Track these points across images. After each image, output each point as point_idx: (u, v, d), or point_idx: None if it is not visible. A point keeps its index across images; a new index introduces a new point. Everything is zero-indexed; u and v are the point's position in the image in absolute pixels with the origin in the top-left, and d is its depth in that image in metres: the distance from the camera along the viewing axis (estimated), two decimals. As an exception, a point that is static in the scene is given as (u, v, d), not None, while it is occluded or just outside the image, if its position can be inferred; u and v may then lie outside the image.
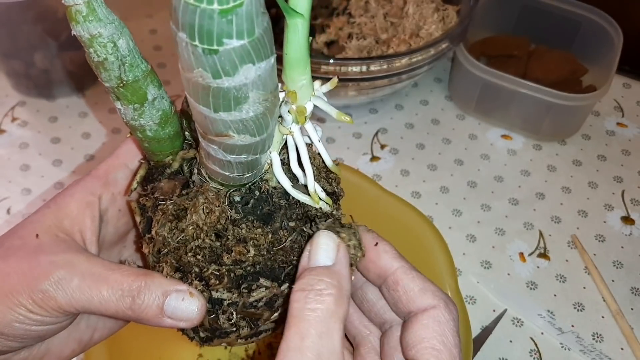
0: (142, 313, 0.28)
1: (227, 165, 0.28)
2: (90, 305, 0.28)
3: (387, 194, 0.50)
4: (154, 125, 0.29)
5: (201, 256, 0.29)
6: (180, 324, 0.29)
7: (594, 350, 0.52)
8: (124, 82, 0.27)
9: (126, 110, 0.29)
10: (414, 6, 0.70)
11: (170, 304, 0.29)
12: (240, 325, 0.31)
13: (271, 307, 0.31)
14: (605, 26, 0.70)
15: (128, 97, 0.28)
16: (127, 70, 0.27)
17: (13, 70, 0.67)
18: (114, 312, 0.28)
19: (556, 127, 0.68)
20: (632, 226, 0.62)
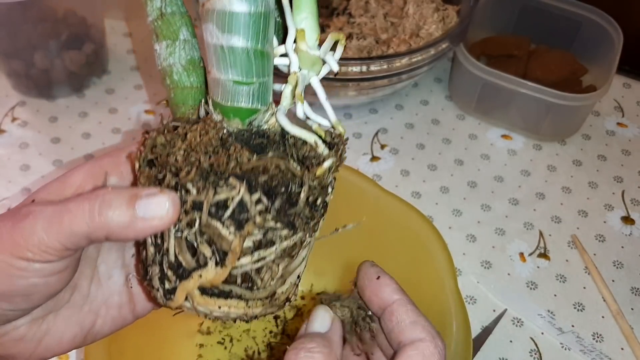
0: (112, 218, 0.27)
1: (222, 59, 0.28)
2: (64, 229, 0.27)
3: (387, 194, 0.50)
4: (181, 67, 0.32)
5: (183, 160, 0.29)
6: (155, 222, 0.28)
7: (594, 350, 0.52)
8: (162, 14, 0.32)
9: (161, 50, 0.32)
10: (414, 6, 0.70)
11: (140, 203, 0.28)
12: (204, 253, 0.29)
13: (239, 226, 0.28)
14: (605, 26, 0.70)
15: (163, 31, 0.32)
16: (167, 4, 0.32)
17: (13, 70, 0.67)
18: (87, 227, 0.27)
19: (556, 127, 0.68)
20: (632, 226, 0.62)
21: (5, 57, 0.67)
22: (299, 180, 0.29)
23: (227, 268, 0.28)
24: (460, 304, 0.44)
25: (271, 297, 0.31)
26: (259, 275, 0.30)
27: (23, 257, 0.27)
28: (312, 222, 0.31)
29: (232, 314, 0.30)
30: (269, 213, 0.29)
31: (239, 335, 0.51)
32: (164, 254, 0.30)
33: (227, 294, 0.29)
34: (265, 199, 0.29)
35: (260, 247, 0.29)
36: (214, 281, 0.29)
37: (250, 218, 0.28)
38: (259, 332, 0.51)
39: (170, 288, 0.30)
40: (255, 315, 0.31)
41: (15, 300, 0.29)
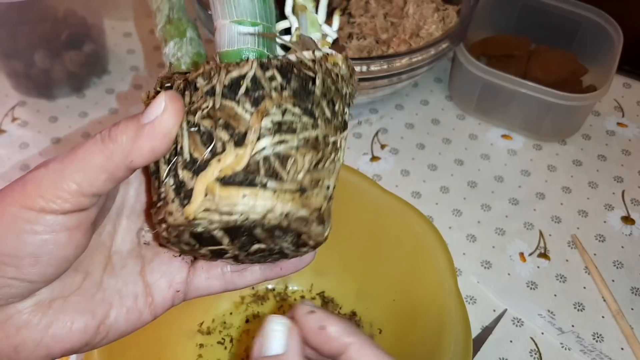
0: (122, 137, 0.26)
1: (226, 3, 0.29)
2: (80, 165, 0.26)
3: (387, 194, 0.50)
4: (189, 59, 0.34)
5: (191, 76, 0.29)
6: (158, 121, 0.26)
7: (594, 350, 0.52)
8: (170, 19, 0.35)
9: (169, 49, 0.34)
10: (414, 6, 0.70)
11: (143, 114, 0.26)
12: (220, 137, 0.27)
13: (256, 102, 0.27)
14: (605, 26, 0.70)
15: (171, 32, 0.35)
16: (175, 12, 0.36)
17: (13, 70, 0.68)
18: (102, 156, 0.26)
19: (556, 127, 0.68)
20: (632, 226, 0.62)
21: (5, 57, 0.67)
22: (311, 69, 0.28)
23: (248, 148, 0.26)
24: (460, 304, 0.44)
25: (301, 192, 0.27)
26: (283, 165, 0.27)
27: (34, 206, 0.25)
28: (334, 122, 0.29)
29: (259, 205, 0.26)
30: (285, 90, 0.27)
31: (239, 335, 0.51)
32: (176, 161, 0.27)
33: (250, 182, 0.26)
34: (280, 76, 0.27)
35: (280, 130, 0.27)
36: (235, 165, 0.26)
37: (266, 95, 0.27)
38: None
39: (188, 189, 0.26)
40: (286, 213, 0.26)
41: (22, 263, 0.26)
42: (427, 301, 0.46)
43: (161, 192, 0.27)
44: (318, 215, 0.28)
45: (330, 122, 0.28)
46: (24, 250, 0.26)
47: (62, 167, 0.25)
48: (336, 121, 0.29)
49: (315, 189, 0.27)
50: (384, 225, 0.50)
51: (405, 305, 0.49)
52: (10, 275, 0.26)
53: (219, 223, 0.26)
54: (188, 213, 0.26)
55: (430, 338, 0.44)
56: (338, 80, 0.29)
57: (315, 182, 0.27)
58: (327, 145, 0.28)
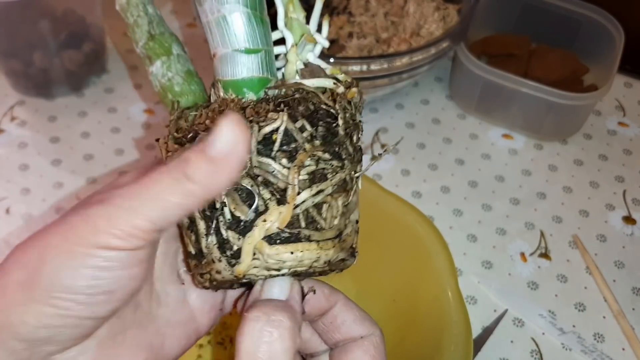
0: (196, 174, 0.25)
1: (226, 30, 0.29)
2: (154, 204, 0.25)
3: (387, 193, 0.50)
4: (180, 79, 0.32)
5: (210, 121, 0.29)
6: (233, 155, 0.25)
7: (595, 350, 0.52)
8: (152, 35, 0.32)
9: (157, 69, 0.32)
10: (414, 5, 0.70)
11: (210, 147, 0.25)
12: (262, 195, 0.27)
13: (291, 157, 0.27)
14: (606, 25, 0.70)
15: (156, 51, 0.32)
16: (155, 27, 0.33)
17: (12, 69, 0.67)
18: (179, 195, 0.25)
19: (557, 127, 0.67)
20: (633, 226, 0.61)
21: (4, 56, 0.66)
22: (332, 110, 0.29)
23: (290, 205, 0.27)
24: (460, 304, 0.44)
25: (339, 237, 0.29)
26: (320, 214, 0.28)
27: (108, 245, 0.24)
28: (356, 157, 0.30)
29: (306, 258, 0.28)
30: (316, 139, 0.28)
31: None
32: (218, 219, 0.28)
33: (295, 237, 0.28)
34: (309, 126, 0.28)
35: (315, 180, 0.28)
36: (280, 223, 0.27)
37: (299, 147, 0.27)
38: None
39: (235, 250, 0.27)
40: (329, 260, 0.29)
41: (96, 300, 0.25)
42: (428, 301, 0.46)
43: (202, 248, 0.28)
44: (352, 252, 0.30)
45: (354, 158, 0.30)
46: (98, 288, 0.25)
47: (136, 205, 0.25)
48: (357, 155, 0.30)
49: (347, 227, 0.30)
50: (384, 225, 0.50)
51: (405, 306, 0.48)
52: (84, 314, 0.25)
53: (268, 276, 0.28)
54: (238, 272, 0.28)
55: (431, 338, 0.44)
56: (354, 111, 0.30)
57: (347, 217, 0.29)
58: (352, 181, 0.30)
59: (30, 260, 0.25)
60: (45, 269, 0.25)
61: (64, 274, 0.25)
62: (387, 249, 0.50)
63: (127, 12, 0.33)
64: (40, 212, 0.59)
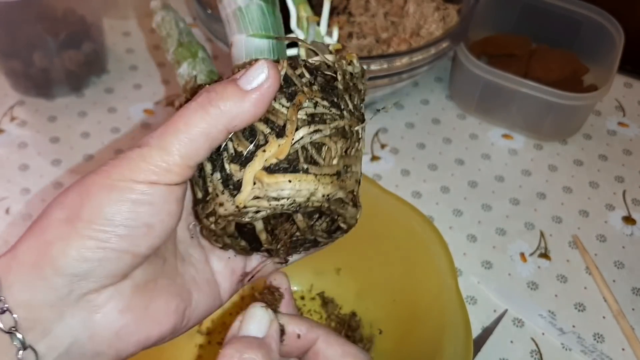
0: (226, 102, 0.27)
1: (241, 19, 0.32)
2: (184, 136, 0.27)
3: (387, 194, 0.50)
4: (204, 76, 0.37)
5: None
6: (264, 87, 0.28)
7: (595, 350, 0.52)
8: (182, 43, 0.39)
9: (184, 70, 0.38)
10: (414, 5, 0.70)
11: (241, 80, 0.28)
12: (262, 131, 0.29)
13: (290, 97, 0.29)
14: (606, 25, 0.70)
15: (184, 54, 0.38)
16: (185, 36, 0.40)
17: (12, 69, 0.67)
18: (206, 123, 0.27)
19: (557, 127, 0.67)
20: (633, 226, 0.61)
21: (4, 56, 0.66)
22: (331, 67, 0.31)
23: (289, 138, 0.29)
24: (460, 304, 0.44)
25: (337, 176, 0.30)
26: (319, 153, 0.29)
27: (146, 179, 0.26)
28: (356, 114, 0.31)
29: (304, 189, 0.28)
30: (314, 85, 0.30)
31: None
32: (222, 157, 0.29)
33: (294, 168, 0.29)
34: (308, 74, 0.30)
35: (313, 120, 0.29)
36: (279, 154, 0.28)
37: (298, 90, 0.30)
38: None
39: (236, 181, 0.29)
40: (328, 195, 0.29)
41: (136, 233, 0.27)
42: (428, 301, 0.46)
43: (208, 187, 0.29)
44: (352, 197, 0.31)
45: (353, 113, 0.31)
46: (138, 220, 0.26)
47: (167, 143, 0.27)
48: (357, 113, 0.32)
49: (348, 173, 0.30)
50: (384, 225, 0.50)
51: (405, 306, 0.48)
52: (123, 247, 0.27)
53: (267, 210, 0.28)
54: (239, 201, 0.28)
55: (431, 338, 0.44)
56: (354, 77, 0.32)
57: (347, 166, 0.30)
58: (352, 134, 0.31)
59: (73, 199, 0.27)
60: (88, 204, 0.26)
61: (106, 207, 0.26)
62: (387, 249, 0.50)
63: (161, 27, 0.40)
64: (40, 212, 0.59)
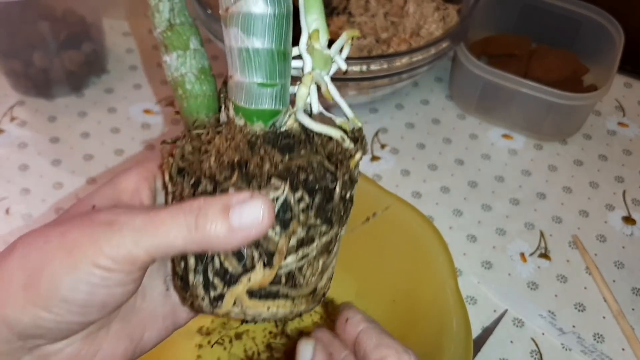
0: (211, 234, 0.27)
1: (247, 62, 0.29)
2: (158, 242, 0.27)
3: (387, 194, 0.50)
4: (193, 77, 0.33)
5: (215, 165, 0.29)
6: (252, 232, 0.27)
7: (595, 350, 0.52)
8: (172, 25, 0.32)
9: (171, 61, 0.32)
10: (414, 5, 0.70)
11: (234, 214, 0.27)
12: (250, 255, 0.29)
13: (285, 225, 0.29)
14: (606, 25, 0.70)
15: (173, 42, 0.32)
16: (176, 15, 0.32)
17: (12, 69, 0.67)
18: (184, 241, 0.27)
19: (557, 127, 0.67)
20: (633, 226, 0.61)
21: (4, 56, 0.66)
22: (333, 176, 0.30)
23: (275, 269, 0.29)
24: (460, 305, 0.44)
25: (313, 293, 0.31)
26: (301, 273, 0.30)
27: (107, 267, 0.27)
28: (345, 215, 0.31)
29: (280, 313, 0.30)
30: (311, 210, 0.29)
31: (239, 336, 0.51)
32: (207, 262, 0.29)
33: (274, 295, 0.30)
34: (307, 196, 0.29)
35: (303, 244, 0.30)
36: (262, 283, 0.29)
37: (294, 217, 0.29)
38: (259, 332, 0.51)
39: (217, 295, 0.30)
40: (300, 313, 0.31)
41: (90, 311, 0.28)
42: (428, 302, 0.46)
43: (189, 281, 0.30)
44: (322, 297, 0.33)
45: (343, 219, 0.31)
46: (93, 301, 0.27)
47: (139, 239, 0.27)
48: (347, 214, 0.31)
49: (323, 280, 0.32)
50: (384, 225, 0.50)
51: (405, 306, 0.48)
52: (76, 320, 0.28)
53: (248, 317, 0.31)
54: (217, 312, 0.30)
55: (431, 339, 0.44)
56: (354, 171, 0.31)
57: (324, 272, 0.32)
58: (337, 240, 0.31)
59: (34, 265, 0.27)
60: (47, 278, 0.27)
61: (64, 287, 0.27)
62: (387, 249, 0.50)
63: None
64: (40, 212, 0.59)
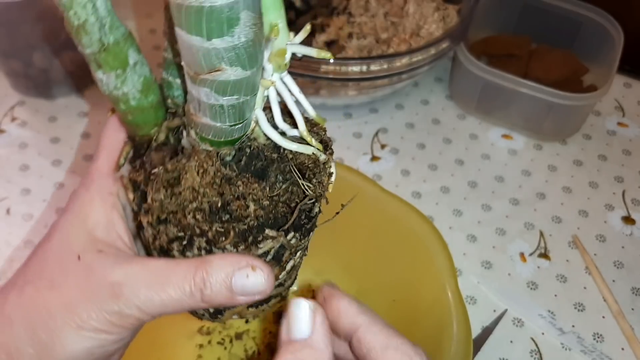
0: (215, 300, 0.29)
1: (219, 113, 0.27)
2: (164, 309, 0.29)
3: (387, 194, 0.50)
4: (137, 92, 0.29)
5: (201, 216, 0.29)
6: (256, 297, 0.29)
7: (595, 350, 0.52)
8: (105, 46, 0.27)
9: (108, 79, 0.29)
10: (414, 5, 0.70)
11: (237, 284, 0.29)
12: None
13: (279, 261, 0.31)
14: (606, 26, 0.70)
15: (110, 63, 0.28)
16: (108, 32, 0.27)
17: (12, 69, 0.67)
18: (189, 308, 0.29)
19: (557, 127, 0.67)
20: (632, 226, 0.61)
21: (4, 56, 0.66)
22: (312, 199, 0.31)
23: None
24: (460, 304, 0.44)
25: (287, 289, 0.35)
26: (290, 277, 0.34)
27: (108, 329, 0.29)
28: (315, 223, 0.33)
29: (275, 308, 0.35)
30: (300, 238, 0.31)
31: (239, 335, 0.51)
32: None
33: (268, 299, 0.34)
34: (297, 233, 0.31)
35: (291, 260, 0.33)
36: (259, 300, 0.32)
37: (287, 250, 0.31)
38: (259, 332, 0.51)
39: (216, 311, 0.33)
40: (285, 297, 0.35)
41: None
42: (427, 301, 0.46)
43: None
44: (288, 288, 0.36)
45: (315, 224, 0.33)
46: (92, 356, 0.29)
47: (146, 308, 0.29)
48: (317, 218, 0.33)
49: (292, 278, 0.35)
50: (383, 225, 0.50)
51: (405, 306, 0.48)
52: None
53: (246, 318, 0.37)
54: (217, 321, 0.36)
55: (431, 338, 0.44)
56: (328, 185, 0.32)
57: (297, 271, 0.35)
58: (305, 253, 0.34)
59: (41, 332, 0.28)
60: (57, 343, 0.28)
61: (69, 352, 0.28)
62: (387, 249, 0.50)
63: (70, 10, 0.26)
64: (41, 212, 0.59)
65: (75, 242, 0.30)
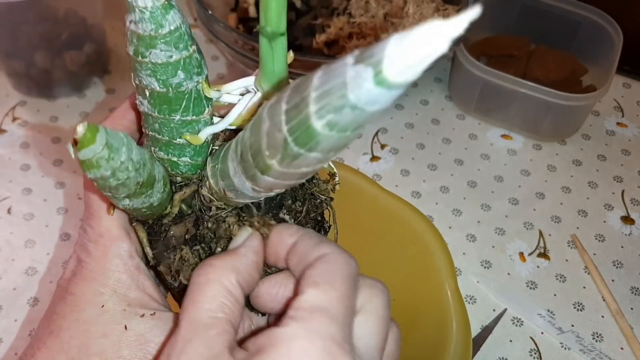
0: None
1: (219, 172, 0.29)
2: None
3: (387, 194, 0.50)
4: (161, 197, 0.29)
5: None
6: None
7: (594, 349, 0.52)
8: (140, 184, 0.27)
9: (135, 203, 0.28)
10: (414, 6, 0.70)
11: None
12: None
13: None
14: (605, 26, 0.70)
15: (143, 191, 0.28)
16: (142, 173, 0.27)
17: (13, 70, 0.68)
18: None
19: (556, 127, 0.68)
20: (632, 226, 0.62)
21: (6, 56, 0.67)
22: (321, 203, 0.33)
23: None
24: (460, 304, 0.44)
25: None
26: None
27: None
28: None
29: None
30: None
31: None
32: None
33: None
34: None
35: None
36: None
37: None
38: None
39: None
40: None
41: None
42: (427, 301, 0.47)
43: None
44: None
45: None
46: None
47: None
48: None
49: None
50: (384, 225, 0.50)
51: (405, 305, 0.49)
52: None
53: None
54: None
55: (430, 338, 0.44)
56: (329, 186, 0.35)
57: None
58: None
59: None
60: None
61: None
62: (386, 249, 0.50)
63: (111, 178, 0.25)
64: (42, 212, 0.59)
65: (112, 310, 0.29)
